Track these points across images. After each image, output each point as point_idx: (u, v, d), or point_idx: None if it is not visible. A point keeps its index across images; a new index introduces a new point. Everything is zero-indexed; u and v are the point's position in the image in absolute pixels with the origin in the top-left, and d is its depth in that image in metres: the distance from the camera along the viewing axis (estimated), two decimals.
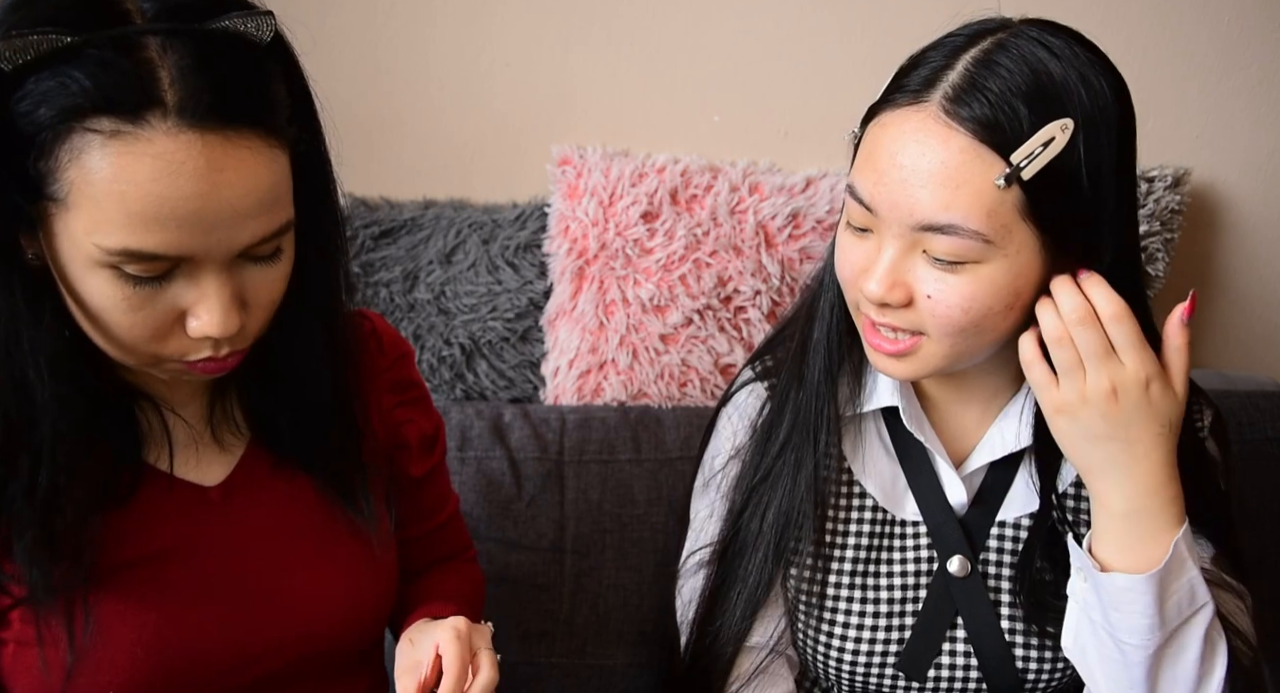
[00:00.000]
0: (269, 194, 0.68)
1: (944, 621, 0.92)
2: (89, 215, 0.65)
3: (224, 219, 0.66)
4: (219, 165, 0.65)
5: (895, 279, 0.79)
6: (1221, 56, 1.47)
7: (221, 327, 0.70)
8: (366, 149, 1.50)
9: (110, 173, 0.63)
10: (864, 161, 0.81)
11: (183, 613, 0.79)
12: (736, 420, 0.99)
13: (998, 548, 0.93)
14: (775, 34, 1.46)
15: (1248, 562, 1.26)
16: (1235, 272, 1.54)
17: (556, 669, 1.26)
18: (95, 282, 0.68)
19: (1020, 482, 0.93)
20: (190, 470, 0.83)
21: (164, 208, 0.64)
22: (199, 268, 0.69)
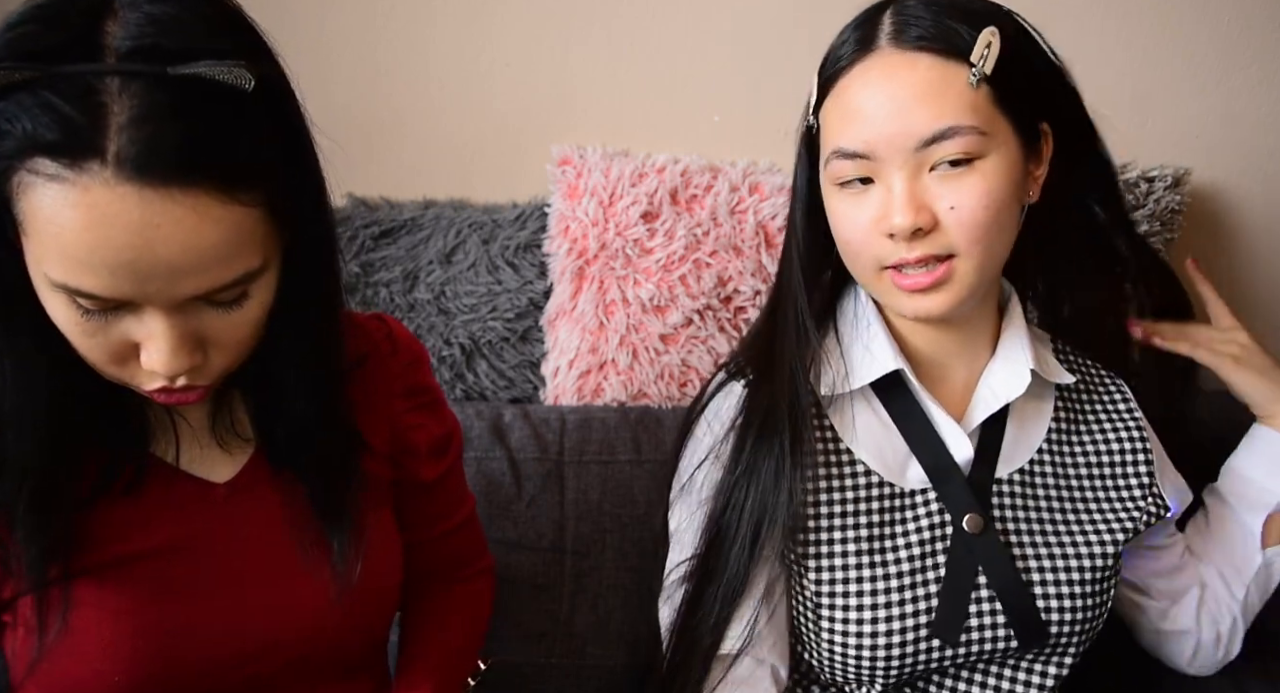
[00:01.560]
0: (213, 251, 0.66)
1: (969, 580, 0.93)
2: (34, 245, 0.65)
3: (159, 273, 0.65)
4: (154, 222, 0.63)
5: (917, 203, 0.85)
6: (1221, 56, 1.47)
7: (168, 366, 0.69)
8: (366, 149, 1.50)
9: (47, 214, 0.63)
10: (842, 122, 0.88)
11: (184, 607, 0.80)
12: (715, 425, 0.99)
13: (999, 504, 0.96)
14: (775, 34, 1.46)
15: None
16: (1235, 272, 1.53)
17: (556, 669, 1.26)
18: (53, 304, 0.68)
19: (1009, 437, 0.97)
20: (199, 467, 0.84)
21: (95, 256, 0.63)
22: (145, 309, 0.68)
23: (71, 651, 0.77)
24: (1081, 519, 0.97)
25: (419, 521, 0.98)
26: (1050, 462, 0.99)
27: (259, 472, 0.86)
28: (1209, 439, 1.25)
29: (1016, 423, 0.99)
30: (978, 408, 0.97)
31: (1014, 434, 0.98)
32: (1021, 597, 0.93)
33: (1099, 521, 0.98)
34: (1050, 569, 0.95)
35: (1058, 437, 1.00)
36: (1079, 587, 0.95)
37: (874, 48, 0.87)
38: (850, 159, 0.87)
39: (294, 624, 0.84)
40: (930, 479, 0.95)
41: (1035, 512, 0.97)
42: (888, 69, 0.86)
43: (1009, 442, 0.98)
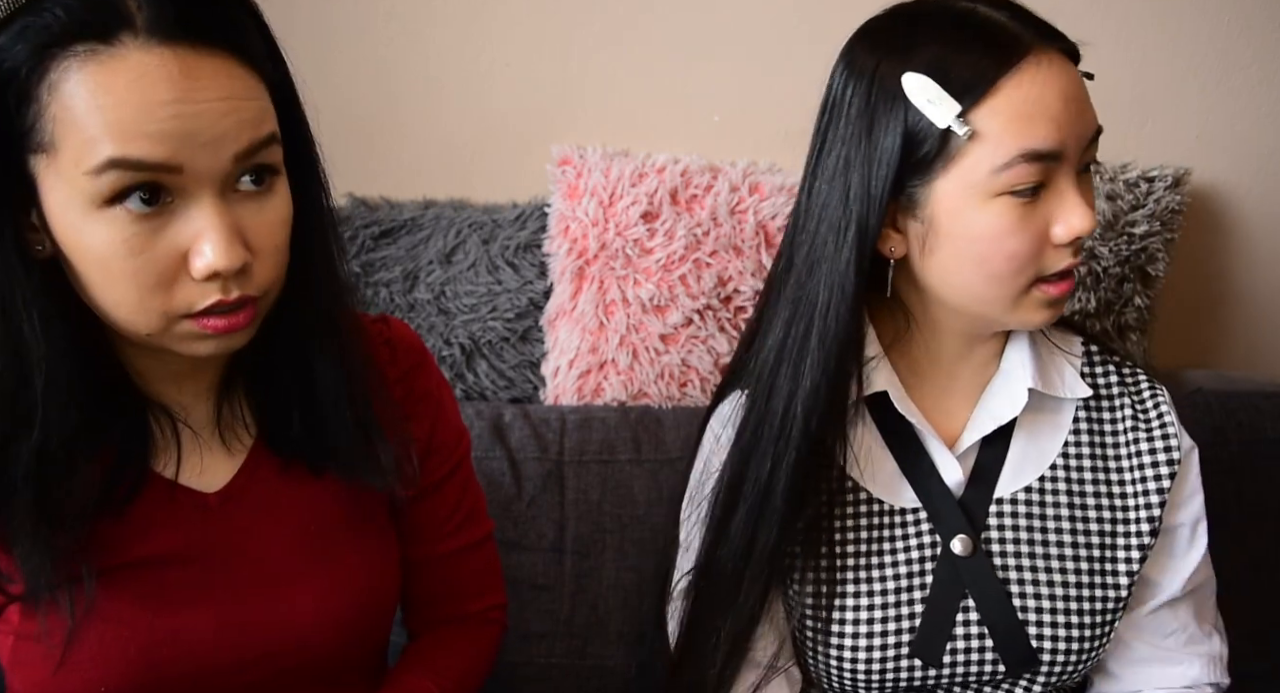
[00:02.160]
0: (246, 103, 0.70)
1: (953, 602, 0.92)
2: (73, 145, 0.66)
3: (204, 126, 0.68)
4: (193, 73, 0.67)
5: (1091, 204, 0.86)
6: (1221, 56, 1.47)
7: (225, 257, 0.70)
8: (366, 149, 1.50)
9: (88, 92, 0.66)
10: (1026, 122, 0.82)
11: (178, 616, 0.79)
12: (722, 434, 0.97)
13: (999, 524, 0.93)
14: (776, 34, 1.46)
15: (1248, 562, 1.26)
16: (1235, 272, 1.54)
17: (556, 669, 1.26)
18: (95, 229, 0.68)
19: (1014, 455, 0.94)
20: (193, 477, 0.83)
21: (143, 116, 0.66)
22: (193, 196, 0.69)
23: (64, 661, 0.76)
24: (1092, 543, 0.93)
25: (417, 534, 0.95)
26: (1065, 479, 0.94)
27: (256, 474, 0.85)
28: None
29: (1027, 437, 0.95)
30: (972, 429, 0.94)
31: (1022, 449, 0.95)
32: (1009, 623, 0.91)
33: (1109, 547, 0.93)
34: (1048, 597, 0.92)
35: (1076, 452, 0.95)
36: (1077, 616, 0.92)
37: (1029, 47, 0.83)
38: (1038, 162, 0.82)
39: (290, 633, 0.83)
40: (920, 500, 0.93)
41: (1041, 533, 0.93)
42: (1056, 66, 0.83)
43: (1016, 457, 0.94)
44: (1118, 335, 1.39)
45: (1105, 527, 0.94)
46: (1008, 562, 0.92)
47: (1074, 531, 0.93)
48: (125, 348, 0.78)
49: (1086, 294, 1.35)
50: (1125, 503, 0.94)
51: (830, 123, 0.89)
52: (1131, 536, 0.93)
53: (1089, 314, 1.36)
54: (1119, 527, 0.94)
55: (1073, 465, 0.95)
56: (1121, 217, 1.36)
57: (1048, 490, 0.94)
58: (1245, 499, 1.27)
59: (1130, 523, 0.94)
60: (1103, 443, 0.96)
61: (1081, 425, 0.96)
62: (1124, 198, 1.37)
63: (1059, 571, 0.92)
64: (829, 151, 0.89)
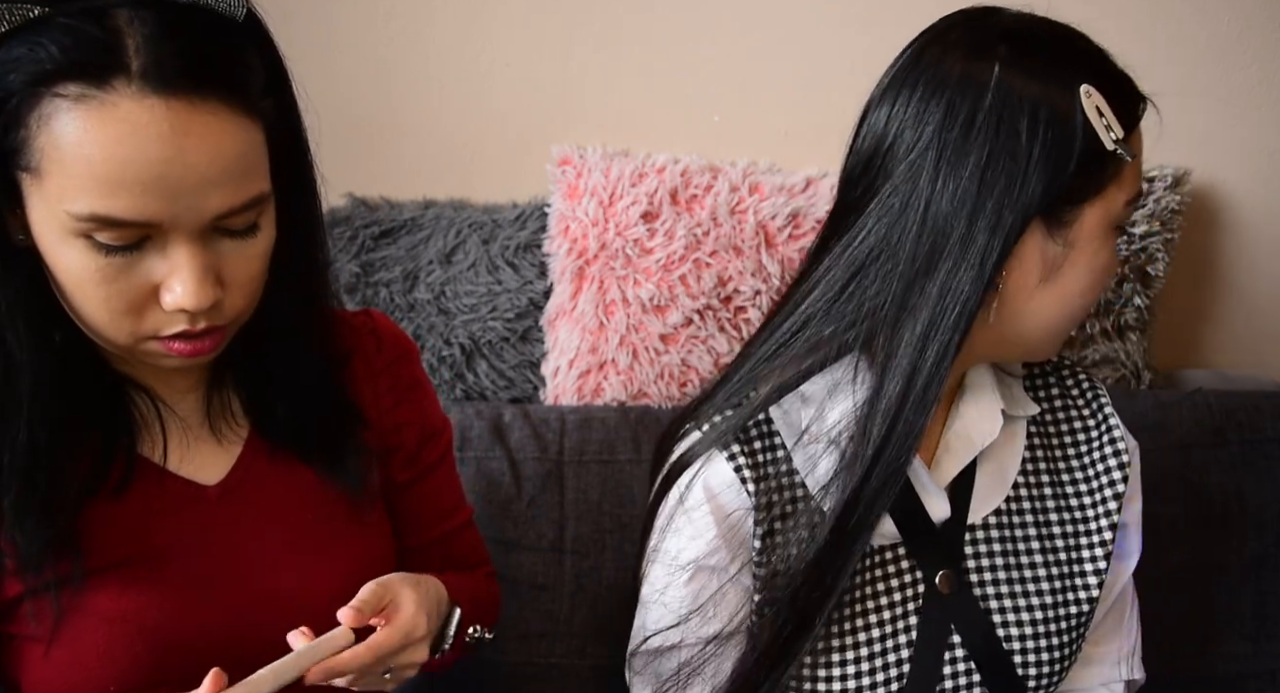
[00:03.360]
0: (237, 163, 0.69)
1: (940, 643, 0.89)
2: (58, 182, 0.66)
3: (189, 185, 0.67)
4: (183, 130, 0.66)
5: None
6: (1221, 56, 1.47)
7: (195, 298, 0.69)
8: (366, 149, 1.50)
9: (76, 137, 0.65)
10: (1132, 166, 0.82)
11: (184, 612, 0.80)
12: (699, 513, 0.87)
13: (974, 553, 0.91)
14: (775, 34, 1.46)
15: (1248, 561, 1.26)
16: (1235, 271, 1.53)
17: (556, 670, 1.26)
18: (70, 253, 0.68)
19: (981, 480, 0.92)
20: (188, 468, 0.83)
21: (128, 171, 0.65)
22: (169, 239, 0.69)
23: (69, 659, 0.77)
24: (1060, 559, 0.92)
25: (407, 523, 0.96)
26: (1028, 497, 0.93)
27: (254, 465, 0.85)
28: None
29: (991, 462, 0.92)
30: (949, 459, 0.90)
31: (988, 475, 0.92)
32: (997, 655, 0.89)
33: (1074, 561, 0.93)
34: (1029, 622, 0.90)
35: (1033, 468, 0.94)
36: (1056, 637, 0.91)
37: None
38: (1135, 183, 0.83)
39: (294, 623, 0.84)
40: (902, 534, 0.88)
41: (1014, 557, 0.91)
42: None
43: (983, 484, 0.91)
44: (1118, 335, 1.39)
45: (1070, 541, 0.93)
46: (987, 591, 0.90)
47: (1043, 549, 0.92)
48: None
49: None
50: (1085, 513, 0.94)
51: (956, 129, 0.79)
52: (1096, 546, 0.93)
53: (1089, 314, 1.36)
54: (1082, 538, 0.93)
55: (1032, 482, 0.94)
56: None
57: (1014, 511, 0.92)
58: (1245, 499, 1.27)
59: (1093, 532, 0.93)
60: (1056, 456, 0.95)
61: (1036, 441, 0.95)
62: None
63: (1035, 592, 0.91)
64: (950, 162, 0.79)
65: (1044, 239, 0.81)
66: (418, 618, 0.79)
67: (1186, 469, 1.28)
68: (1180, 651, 1.27)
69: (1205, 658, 1.27)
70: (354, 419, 0.88)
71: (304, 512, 0.86)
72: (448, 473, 1.01)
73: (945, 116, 0.79)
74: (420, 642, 0.80)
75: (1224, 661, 1.27)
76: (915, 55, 0.84)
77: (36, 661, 0.77)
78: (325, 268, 0.86)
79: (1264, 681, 1.26)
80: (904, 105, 0.81)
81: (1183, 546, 1.26)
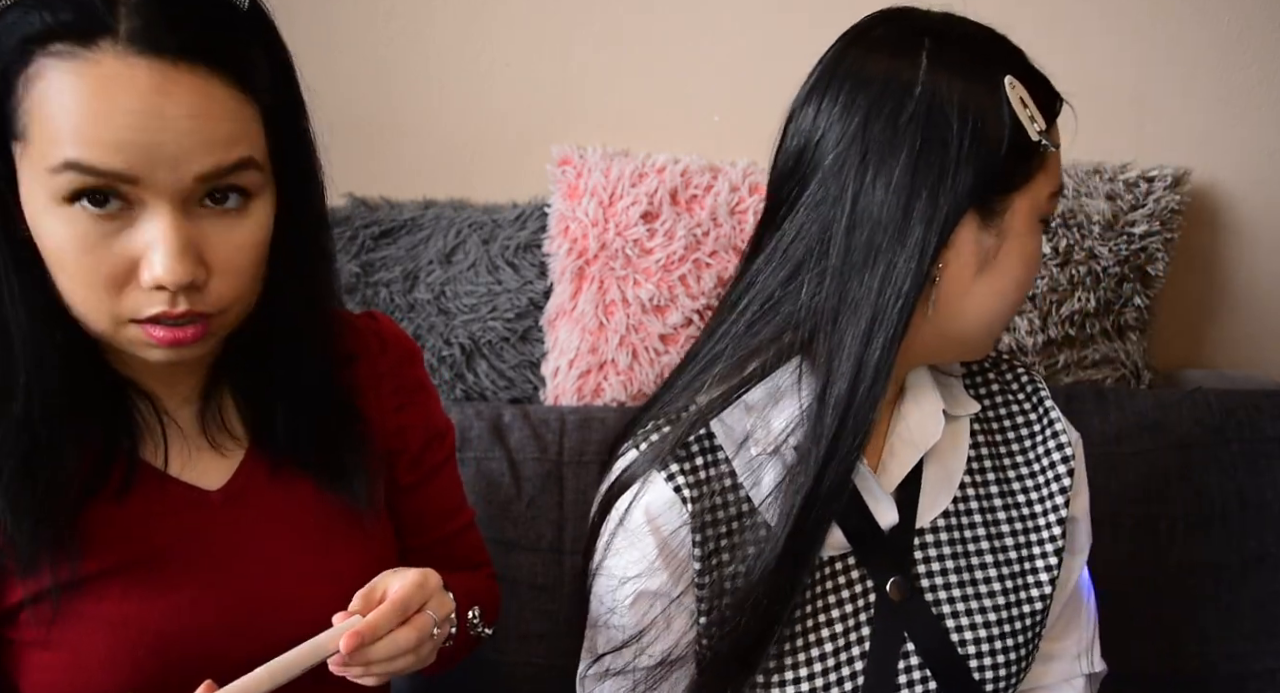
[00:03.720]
0: (220, 125, 0.69)
1: (894, 652, 0.87)
2: (40, 141, 0.67)
3: (168, 140, 0.67)
4: (164, 90, 0.67)
5: None
6: (1221, 56, 1.47)
7: (172, 273, 0.69)
8: (366, 149, 1.50)
9: (58, 93, 0.66)
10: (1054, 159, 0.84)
11: (186, 616, 0.79)
12: (640, 536, 0.85)
13: (924, 557, 0.89)
14: (775, 34, 1.46)
15: (1248, 561, 1.27)
16: (1235, 272, 1.53)
17: (556, 670, 1.26)
18: (52, 223, 0.69)
19: (930, 482, 0.90)
20: (190, 474, 0.83)
21: (105, 124, 0.66)
22: (150, 207, 0.69)
23: (71, 663, 0.76)
24: (1010, 558, 0.91)
25: (409, 525, 0.96)
26: (976, 496, 0.91)
27: (254, 475, 0.85)
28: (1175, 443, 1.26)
29: (937, 464, 0.90)
30: (894, 463, 0.88)
31: (934, 477, 0.90)
32: (952, 660, 0.88)
33: (1027, 557, 0.91)
34: (983, 625, 0.88)
35: (979, 467, 0.92)
36: (1011, 639, 0.89)
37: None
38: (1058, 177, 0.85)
39: (296, 629, 0.83)
40: (851, 543, 0.87)
41: (964, 559, 0.90)
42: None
43: (930, 486, 0.90)
44: (1118, 335, 1.39)
45: (1020, 538, 0.91)
46: (939, 596, 0.88)
47: (994, 549, 0.90)
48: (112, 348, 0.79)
49: (1086, 294, 1.35)
50: (1034, 509, 0.92)
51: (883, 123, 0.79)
52: (1045, 542, 0.91)
53: (1089, 314, 1.36)
54: (1032, 535, 0.92)
55: (979, 481, 0.92)
56: (1121, 216, 1.36)
57: (962, 512, 0.91)
58: (1245, 499, 1.27)
59: (1042, 528, 0.92)
60: (1000, 453, 0.93)
61: (979, 438, 0.93)
62: (1124, 198, 1.37)
63: (987, 594, 0.89)
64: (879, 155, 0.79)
65: (978, 230, 0.81)
66: (422, 572, 0.77)
67: (1186, 469, 1.28)
68: (1180, 651, 1.27)
69: (1205, 658, 1.27)
70: (356, 428, 0.87)
71: (306, 517, 0.86)
72: (450, 475, 1.01)
73: (871, 112, 0.79)
74: (437, 590, 0.78)
75: (1224, 660, 1.27)
76: (838, 55, 0.85)
77: (38, 665, 0.77)
78: (330, 269, 0.86)
79: (1264, 680, 1.26)
80: (830, 104, 0.82)
81: (1183, 546, 1.26)
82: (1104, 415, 1.30)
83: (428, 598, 0.77)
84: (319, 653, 0.72)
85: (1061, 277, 1.35)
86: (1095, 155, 1.41)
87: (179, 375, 0.82)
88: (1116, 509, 1.26)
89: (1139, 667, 1.25)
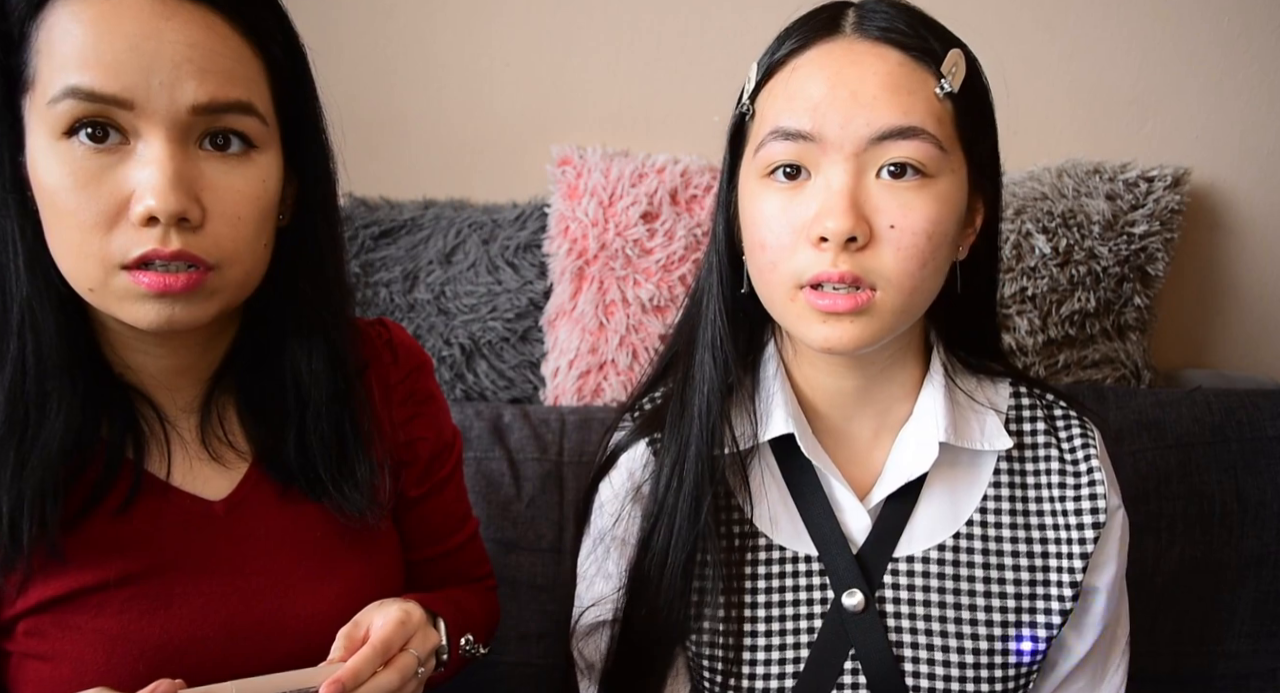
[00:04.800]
0: (218, 57, 0.70)
1: (838, 658, 0.87)
2: (45, 75, 0.69)
3: (164, 62, 0.68)
4: (166, 14, 0.69)
5: (858, 207, 0.77)
6: (1221, 56, 1.47)
7: (164, 200, 0.68)
8: (367, 149, 1.50)
9: (64, 24, 0.68)
10: (788, 100, 0.80)
11: (187, 627, 0.79)
12: (619, 486, 0.93)
13: (895, 583, 0.87)
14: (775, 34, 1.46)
15: (1248, 561, 1.27)
16: (1235, 272, 1.54)
17: (556, 670, 1.26)
18: (49, 161, 0.69)
19: (926, 511, 0.88)
20: (192, 484, 0.82)
21: (104, 42, 0.67)
22: (146, 136, 0.69)
23: (70, 677, 0.76)
24: (1008, 606, 0.87)
25: (417, 538, 0.96)
26: (982, 536, 0.88)
27: (260, 487, 0.84)
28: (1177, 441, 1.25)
29: (942, 490, 0.88)
30: (881, 485, 0.88)
31: (936, 504, 0.88)
32: (893, 684, 0.86)
33: (1027, 610, 0.87)
34: (943, 662, 0.86)
35: (995, 506, 0.89)
36: (988, 684, 0.86)
37: (838, 33, 0.80)
38: (789, 140, 0.78)
39: (297, 641, 0.83)
40: (817, 548, 0.88)
41: (953, 594, 0.87)
42: (853, 54, 0.79)
43: (927, 516, 0.88)
44: (1118, 335, 1.39)
45: (1024, 588, 0.87)
46: (902, 622, 0.87)
47: (988, 593, 0.87)
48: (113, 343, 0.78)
49: (1086, 294, 1.35)
50: (1046, 563, 0.87)
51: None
52: (1053, 599, 0.87)
53: (1089, 314, 1.36)
54: (1039, 588, 0.87)
55: (990, 521, 0.88)
56: (1121, 216, 1.36)
57: (962, 548, 0.88)
58: (1245, 498, 1.27)
59: (1051, 584, 0.87)
60: (1025, 498, 0.89)
61: (1003, 478, 0.89)
62: (1124, 198, 1.37)
63: (969, 635, 0.86)
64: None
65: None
66: (403, 610, 0.78)
67: (1186, 469, 1.28)
68: (1180, 650, 1.27)
69: (1205, 658, 1.27)
70: (366, 448, 0.86)
71: (310, 531, 0.85)
72: (457, 487, 1.00)
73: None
74: (420, 625, 0.79)
75: (1224, 660, 1.27)
76: None
77: (36, 678, 0.77)
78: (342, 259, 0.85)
79: (1264, 680, 1.26)
80: None
81: (1183, 545, 1.26)
82: (1104, 416, 1.30)
83: (410, 635, 0.77)
84: (295, 685, 0.72)
85: (1061, 277, 1.35)
86: (1095, 155, 1.41)
87: (180, 382, 0.82)
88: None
89: (1139, 667, 1.24)
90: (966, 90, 0.80)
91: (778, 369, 0.90)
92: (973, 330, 0.92)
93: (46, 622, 0.76)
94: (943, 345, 0.91)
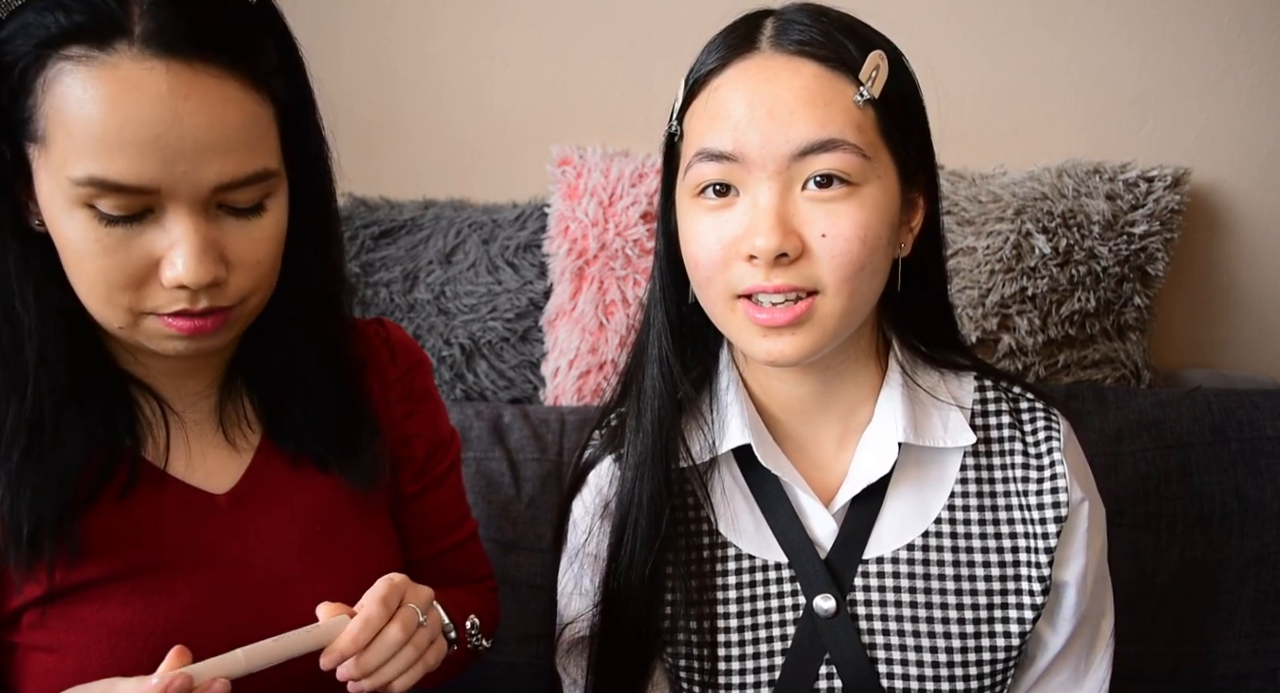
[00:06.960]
0: (238, 132, 0.69)
1: (813, 663, 0.87)
2: (61, 147, 0.67)
3: (186, 149, 0.67)
4: (183, 93, 0.66)
5: (786, 223, 0.78)
6: (1221, 56, 1.47)
7: (194, 274, 0.69)
8: (367, 149, 1.50)
9: (77, 97, 0.66)
10: (711, 121, 0.81)
11: (190, 623, 0.79)
12: (590, 503, 0.95)
13: (866, 585, 0.87)
14: None
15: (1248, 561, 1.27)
16: (1235, 272, 1.53)
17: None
18: (72, 224, 0.69)
19: (889, 514, 0.88)
20: (198, 476, 0.82)
21: (125, 132, 0.66)
22: (170, 211, 0.69)
23: (74, 669, 0.76)
24: (979, 603, 0.87)
25: (416, 536, 0.96)
26: (951, 534, 0.88)
27: (267, 471, 0.85)
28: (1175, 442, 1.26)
29: (908, 490, 0.88)
30: (849, 486, 0.88)
31: (903, 504, 0.88)
32: (871, 687, 0.86)
33: (998, 605, 0.87)
34: (915, 662, 0.86)
35: (964, 503, 0.88)
36: (963, 683, 0.86)
37: (754, 49, 0.81)
38: (714, 161, 0.80)
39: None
40: (786, 555, 0.88)
41: (924, 593, 0.87)
42: (769, 71, 0.79)
43: (895, 516, 0.88)
44: (1118, 335, 1.39)
45: (994, 584, 0.87)
46: (874, 625, 0.87)
47: (959, 591, 0.87)
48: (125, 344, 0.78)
49: (1086, 294, 1.35)
50: (1017, 558, 0.87)
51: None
52: (1024, 593, 0.87)
53: (1089, 314, 1.36)
54: (1009, 583, 0.87)
55: (959, 518, 0.88)
56: (1121, 216, 1.36)
57: (931, 547, 0.88)
58: (1245, 498, 1.27)
59: (1021, 578, 0.87)
60: (993, 493, 0.88)
61: (969, 474, 0.89)
62: (1124, 198, 1.37)
63: (942, 634, 0.86)
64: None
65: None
66: (385, 576, 0.78)
67: (1186, 469, 1.28)
68: (1180, 650, 1.27)
69: (1205, 658, 1.27)
70: (369, 416, 0.88)
71: (314, 523, 0.85)
72: (454, 486, 1.00)
73: None
74: (406, 582, 0.79)
75: (1224, 660, 1.27)
76: None
77: (40, 670, 0.77)
78: (341, 267, 0.86)
79: (1264, 680, 1.26)
80: None
81: (1183, 545, 1.26)
82: (1104, 415, 1.30)
83: (401, 593, 0.77)
84: (303, 646, 0.73)
85: (1061, 277, 1.35)
86: (1095, 155, 1.41)
87: (193, 371, 0.82)
88: (1117, 509, 1.26)
89: (1139, 667, 1.25)
90: (889, 93, 0.81)
91: (733, 379, 0.91)
92: (928, 324, 0.92)
93: (51, 614, 0.76)
94: (899, 343, 0.91)
